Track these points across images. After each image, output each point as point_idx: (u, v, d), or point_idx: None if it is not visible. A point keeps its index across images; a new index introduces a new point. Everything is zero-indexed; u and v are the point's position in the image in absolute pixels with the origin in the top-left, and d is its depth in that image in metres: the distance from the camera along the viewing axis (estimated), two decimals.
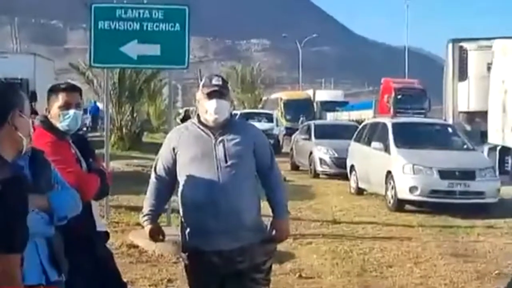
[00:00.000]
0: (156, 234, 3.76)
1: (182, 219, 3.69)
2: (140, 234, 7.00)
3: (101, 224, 3.58)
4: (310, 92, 46.76)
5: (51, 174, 2.84)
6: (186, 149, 3.60)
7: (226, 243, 3.52)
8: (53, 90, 3.48)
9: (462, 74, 17.98)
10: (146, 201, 3.75)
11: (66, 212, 2.81)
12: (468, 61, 17.74)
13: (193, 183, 3.54)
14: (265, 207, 3.70)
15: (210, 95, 3.56)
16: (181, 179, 3.61)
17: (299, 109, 37.31)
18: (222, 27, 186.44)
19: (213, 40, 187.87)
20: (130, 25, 8.08)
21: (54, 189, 2.82)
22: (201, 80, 3.83)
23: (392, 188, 10.86)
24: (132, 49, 8.11)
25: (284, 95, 43.52)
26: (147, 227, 3.71)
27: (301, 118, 33.03)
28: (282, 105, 39.74)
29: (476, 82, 17.37)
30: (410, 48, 59.43)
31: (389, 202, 10.94)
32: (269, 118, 28.09)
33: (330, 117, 39.20)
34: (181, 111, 43.63)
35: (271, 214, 3.70)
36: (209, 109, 3.55)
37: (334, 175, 15.52)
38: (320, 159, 16.02)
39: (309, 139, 17.21)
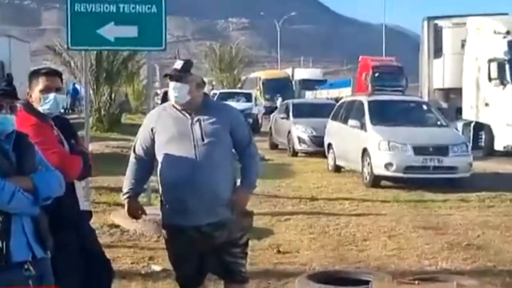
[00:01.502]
0: (136, 212, 3.92)
1: (162, 197, 3.84)
2: (121, 214, 7.12)
3: (84, 204, 3.70)
4: (289, 71, 46.85)
5: (35, 156, 2.97)
6: (164, 129, 3.75)
7: (204, 219, 3.67)
8: (34, 74, 3.59)
9: (437, 51, 18.18)
10: (126, 181, 3.89)
11: (50, 193, 2.94)
12: (443, 39, 17.96)
13: (171, 162, 3.69)
14: None
15: (168, 77, 3.76)
16: (160, 158, 3.75)
17: (278, 88, 37.45)
18: (199, 6, 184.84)
19: (191, 20, 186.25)
20: (106, 7, 8.10)
21: (38, 170, 2.94)
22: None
23: (368, 164, 11.09)
24: (109, 31, 8.14)
25: (263, 74, 43.58)
26: (127, 205, 3.86)
27: (278, 98, 33.19)
28: (261, 84, 39.84)
29: (450, 59, 17.61)
30: (387, 26, 59.66)
31: (366, 179, 11.18)
32: (248, 97, 28.14)
33: (309, 96, 39.39)
34: (159, 91, 43.39)
35: None
36: (169, 91, 3.80)
37: (312, 153, 15.71)
38: (299, 138, 16.19)
39: (288, 118, 17.35)
